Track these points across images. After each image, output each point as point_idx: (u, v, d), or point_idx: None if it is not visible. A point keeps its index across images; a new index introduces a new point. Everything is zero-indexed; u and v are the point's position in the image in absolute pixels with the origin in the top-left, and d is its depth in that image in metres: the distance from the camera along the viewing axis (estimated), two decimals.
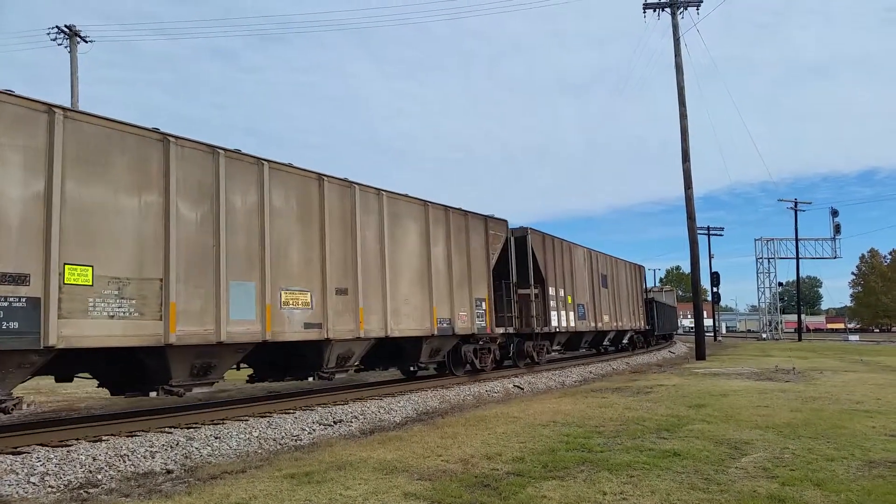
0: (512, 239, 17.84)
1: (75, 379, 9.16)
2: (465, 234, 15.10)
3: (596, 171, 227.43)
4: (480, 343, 15.96)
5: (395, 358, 13.85)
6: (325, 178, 11.21)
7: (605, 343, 27.01)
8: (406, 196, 13.32)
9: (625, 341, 29.33)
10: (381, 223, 12.41)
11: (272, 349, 10.51)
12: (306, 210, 10.79)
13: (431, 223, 13.82)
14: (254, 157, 9.95)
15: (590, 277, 23.38)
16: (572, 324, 20.90)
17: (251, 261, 9.70)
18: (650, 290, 50.48)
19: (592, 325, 22.96)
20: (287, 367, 11.37)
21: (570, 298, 20.82)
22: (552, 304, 19.26)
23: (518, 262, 17.94)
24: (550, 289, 19.32)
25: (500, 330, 16.39)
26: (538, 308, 18.50)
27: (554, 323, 19.30)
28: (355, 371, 13.28)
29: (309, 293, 10.57)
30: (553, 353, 21.48)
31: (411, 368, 14.57)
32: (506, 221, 17.31)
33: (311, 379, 11.48)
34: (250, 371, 11.52)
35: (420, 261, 13.42)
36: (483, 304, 15.48)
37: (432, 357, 14.29)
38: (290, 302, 10.22)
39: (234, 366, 10.27)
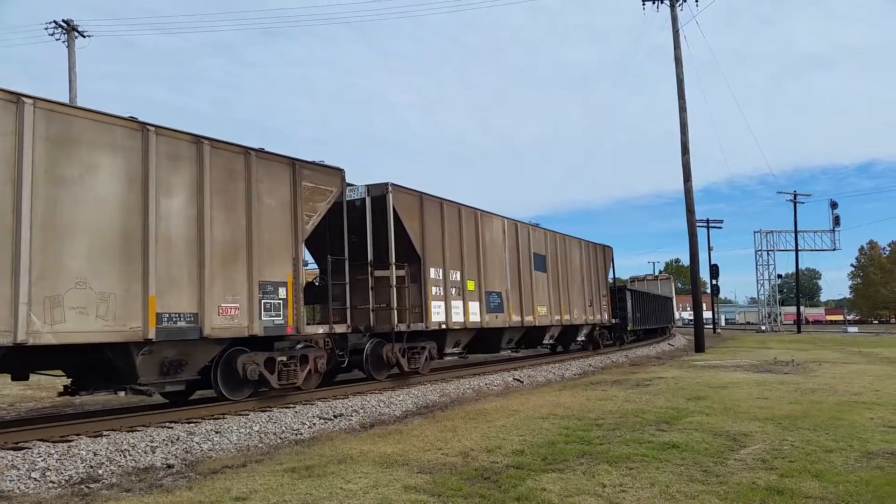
0: (368, 200, 12.90)
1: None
2: (246, 185, 10.04)
3: (597, 164, 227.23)
4: (298, 348, 10.95)
5: (103, 376, 8.86)
6: None
7: (545, 341, 20.67)
8: (93, 112, 8.30)
9: (580, 338, 23.32)
10: (18, 149, 7.42)
11: None
12: None
13: (157, 161, 8.79)
14: None
15: (514, 258, 17.59)
16: (476, 318, 15.34)
17: None
18: (642, 279, 47.66)
19: (517, 319, 17.25)
20: None
21: (472, 284, 15.29)
22: (434, 291, 13.87)
23: (378, 232, 12.96)
24: (432, 270, 13.86)
25: (320, 329, 11.38)
26: (409, 297, 13.34)
27: (438, 318, 13.93)
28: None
29: None
30: (451, 358, 15.77)
31: (121, 392, 8.83)
32: (340, 171, 11.76)
33: None
34: None
35: (121, 219, 8.33)
36: (283, 290, 10.40)
37: (169, 373, 9.08)
38: None
39: None
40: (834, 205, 58.27)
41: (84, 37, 31.18)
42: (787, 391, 11.82)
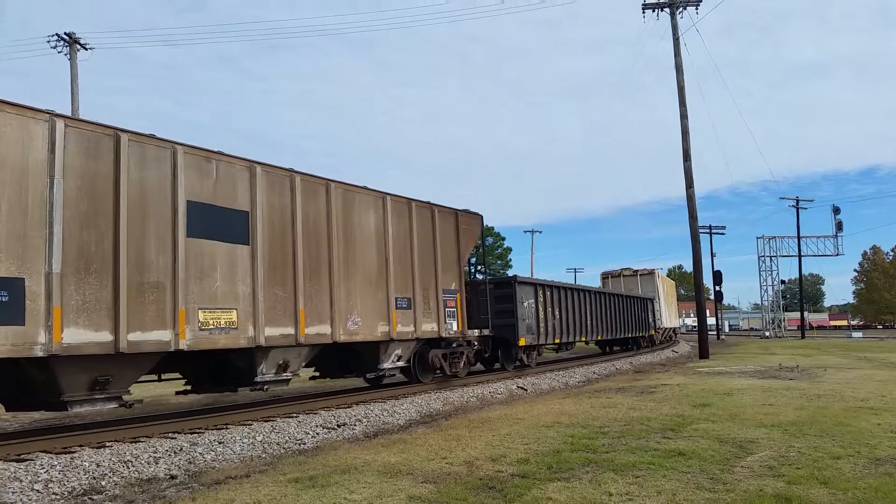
0: None
1: None
2: None
3: (598, 172, 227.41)
4: None
5: None
6: None
7: (260, 378, 10.23)
8: None
9: (388, 365, 13.06)
10: None
11: None
12: None
13: None
14: None
15: (100, 208, 8.09)
16: None
17: None
18: (617, 274, 35.33)
19: (101, 338, 7.88)
20: None
21: None
22: None
23: None
24: None
25: None
26: None
27: None
28: None
29: None
30: None
31: None
32: None
33: None
34: None
35: None
36: None
37: None
38: None
39: None
40: (836, 210, 58.16)
41: (86, 49, 31.29)
42: (792, 397, 11.75)
